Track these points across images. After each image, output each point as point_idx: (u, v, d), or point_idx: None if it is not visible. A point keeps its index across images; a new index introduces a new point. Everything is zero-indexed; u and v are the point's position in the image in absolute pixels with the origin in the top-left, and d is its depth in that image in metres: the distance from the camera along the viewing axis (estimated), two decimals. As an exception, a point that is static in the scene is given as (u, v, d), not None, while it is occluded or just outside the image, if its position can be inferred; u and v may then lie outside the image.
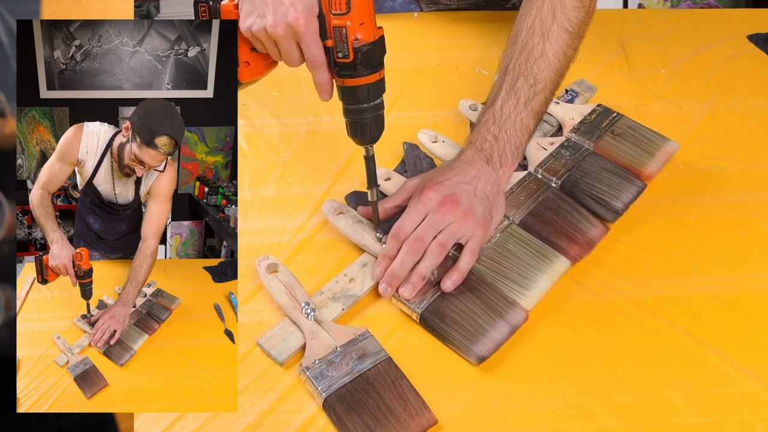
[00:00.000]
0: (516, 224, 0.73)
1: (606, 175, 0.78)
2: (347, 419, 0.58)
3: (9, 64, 0.91)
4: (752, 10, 1.29)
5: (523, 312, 0.65)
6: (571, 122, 0.85)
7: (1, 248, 0.81)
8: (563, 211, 0.74)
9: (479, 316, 0.65)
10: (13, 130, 0.86)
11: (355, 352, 0.63)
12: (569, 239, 0.72)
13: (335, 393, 0.60)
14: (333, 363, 0.62)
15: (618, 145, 0.81)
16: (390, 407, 0.59)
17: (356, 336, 0.64)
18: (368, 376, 0.61)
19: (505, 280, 0.68)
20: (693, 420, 0.58)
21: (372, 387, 0.60)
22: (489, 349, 0.63)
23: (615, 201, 0.75)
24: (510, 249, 0.71)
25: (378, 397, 0.60)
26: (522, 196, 0.76)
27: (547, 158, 0.80)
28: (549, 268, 0.69)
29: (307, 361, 0.62)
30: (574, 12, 0.76)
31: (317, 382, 0.60)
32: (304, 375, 0.61)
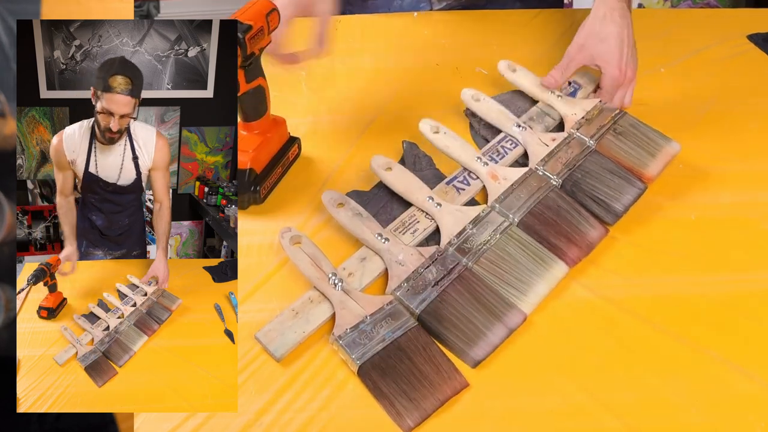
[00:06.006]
0: (516, 225, 0.73)
1: (607, 175, 0.78)
2: (383, 385, 0.60)
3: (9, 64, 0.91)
4: (752, 10, 1.29)
5: (520, 314, 0.66)
6: (573, 118, 0.85)
7: (1, 248, 0.81)
8: (563, 212, 0.74)
9: (477, 319, 0.65)
10: (13, 130, 0.86)
11: (384, 320, 0.64)
12: (568, 241, 0.72)
13: (369, 360, 0.61)
14: (364, 332, 0.63)
15: (620, 145, 0.81)
16: (423, 372, 0.61)
17: (384, 305, 0.66)
18: (400, 343, 0.63)
19: (504, 284, 0.68)
20: (693, 420, 0.58)
21: (404, 353, 0.62)
22: (485, 352, 0.63)
23: (615, 203, 0.75)
24: (509, 252, 0.71)
25: (410, 362, 0.62)
26: (522, 194, 0.76)
27: (548, 155, 0.80)
28: (547, 273, 0.69)
29: (338, 330, 0.64)
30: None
31: (351, 350, 0.62)
32: (337, 344, 0.63)
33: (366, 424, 0.59)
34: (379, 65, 1.02)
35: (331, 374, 0.63)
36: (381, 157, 0.79)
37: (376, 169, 0.79)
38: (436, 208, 0.75)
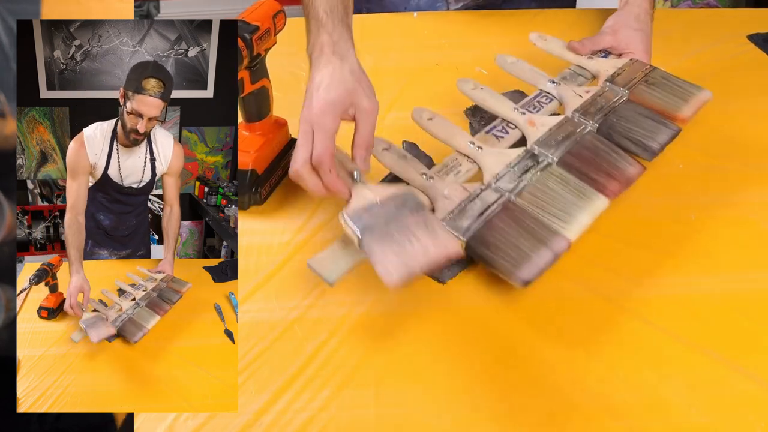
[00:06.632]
0: (556, 164, 0.75)
1: (641, 119, 0.80)
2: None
3: (9, 64, 0.92)
4: (752, 10, 1.29)
5: (564, 240, 0.66)
6: (605, 73, 0.88)
7: (1, 248, 0.81)
8: (601, 151, 0.76)
9: (523, 244, 0.66)
10: (13, 131, 0.86)
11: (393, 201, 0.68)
12: (608, 176, 0.73)
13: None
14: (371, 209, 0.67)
15: (653, 93, 0.84)
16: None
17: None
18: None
19: (547, 214, 0.69)
20: (693, 420, 0.58)
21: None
22: (532, 273, 0.63)
23: (651, 142, 0.77)
24: (551, 186, 0.72)
25: (408, 232, 0.65)
26: (560, 136, 0.78)
27: (583, 104, 0.82)
28: (589, 204, 0.70)
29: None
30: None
31: (355, 222, 0.65)
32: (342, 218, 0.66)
33: (366, 424, 0.59)
34: (379, 65, 1.02)
35: (331, 374, 0.63)
36: (423, 109, 0.82)
37: (418, 120, 0.81)
38: (477, 151, 0.77)
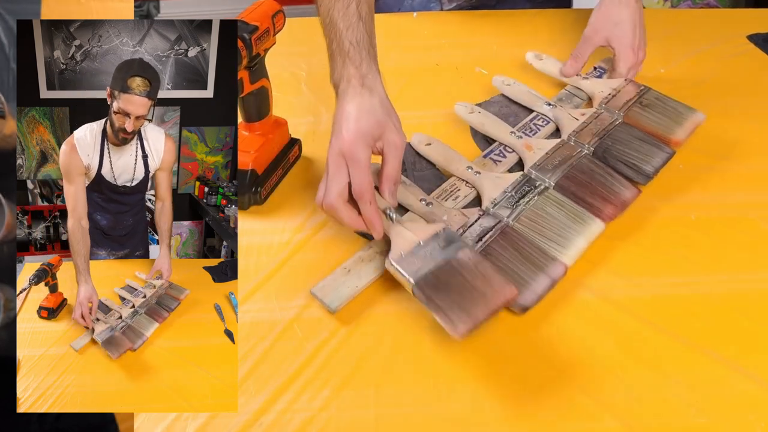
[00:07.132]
0: (552, 188, 0.76)
1: (636, 142, 0.81)
2: (437, 298, 0.62)
3: (9, 64, 0.92)
4: (752, 10, 1.29)
5: (561, 266, 0.68)
6: (600, 95, 0.89)
7: (1, 248, 0.81)
8: (596, 174, 0.78)
9: (521, 270, 0.67)
10: (13, 131, 0.86)
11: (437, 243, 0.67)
12: (603, 200, 0.75)
13: (423, 277, 0.64)
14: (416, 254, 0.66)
15: (647, 115, 0.85)
16: (474, 285, 0.63)
17: (438, 231, 0.68)
18: (451, 262, 0.65)
19: (544, 239, 0.71)
20: (693, 420, 0.58)
21: (456, 270, 0.64)
22: (532, 300, 0.65)
23: (646, 165, 0.79)
24: (548, 211, 0.73)
25: (462, 278, 0.64)
26: (557, 160, 0.79)
27: (579, 127, 0.84)
28: (585, 229, 0.72)
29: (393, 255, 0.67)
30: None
31: (405, 270, 0.64)
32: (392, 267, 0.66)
33: (366, 424, 0.59)
34: (379, 65, 1.02)
35: (331, 374, 0.63)
36: (420, 134, 0.84)
37: (417, 145, 0.83)
38: (475, 176, 0.78)
